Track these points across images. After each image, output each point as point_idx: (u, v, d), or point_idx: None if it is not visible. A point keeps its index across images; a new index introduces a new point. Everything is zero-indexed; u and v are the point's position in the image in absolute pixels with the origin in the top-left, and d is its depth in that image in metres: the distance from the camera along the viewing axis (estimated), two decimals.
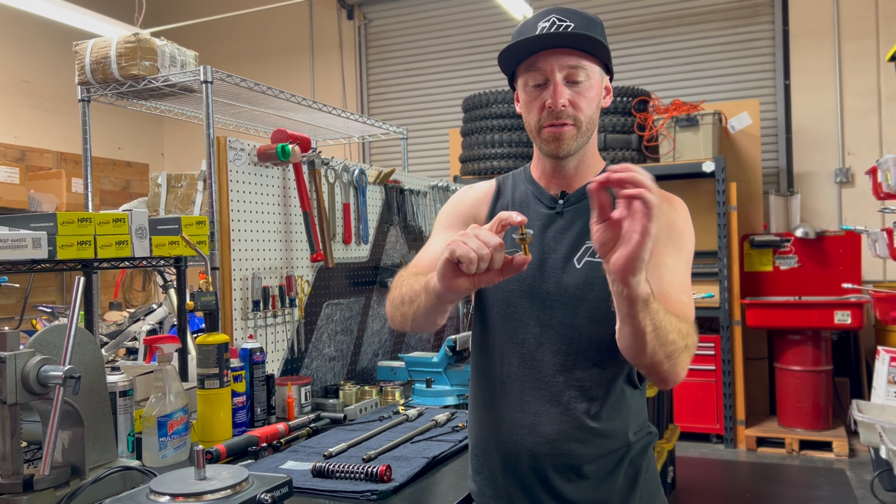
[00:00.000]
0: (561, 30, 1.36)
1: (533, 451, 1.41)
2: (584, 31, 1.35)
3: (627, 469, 1.42)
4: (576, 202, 1.46)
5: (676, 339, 1.24)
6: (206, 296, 1.99)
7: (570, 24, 1.36)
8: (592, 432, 1.39)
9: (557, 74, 1.37)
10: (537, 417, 1.41)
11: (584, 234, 1.41)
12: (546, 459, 1.40)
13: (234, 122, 3.30)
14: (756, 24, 6.09)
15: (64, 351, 1.36)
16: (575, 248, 1.42)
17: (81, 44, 2.60)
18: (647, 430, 1.48)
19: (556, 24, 1.36)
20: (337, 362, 2.71)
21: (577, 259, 1.41)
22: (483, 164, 5.63)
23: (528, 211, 1.48)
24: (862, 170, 5.55)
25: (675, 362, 1.27)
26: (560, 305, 1.40)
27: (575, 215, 1.45)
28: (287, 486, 1.36)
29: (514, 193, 1.54)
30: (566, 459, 1.39)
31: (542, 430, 1.40)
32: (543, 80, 1.38)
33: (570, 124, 1.38)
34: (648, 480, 1.46)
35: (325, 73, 7.47)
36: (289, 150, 2.33)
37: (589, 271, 1.39)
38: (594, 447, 1.39)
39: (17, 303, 5.35)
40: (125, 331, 3.65)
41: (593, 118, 1.41)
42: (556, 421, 1.39)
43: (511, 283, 1.44)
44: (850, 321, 4.89)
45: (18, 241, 1.63)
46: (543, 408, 1.40)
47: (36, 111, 6.63)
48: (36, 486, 1.36)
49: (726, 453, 5.05)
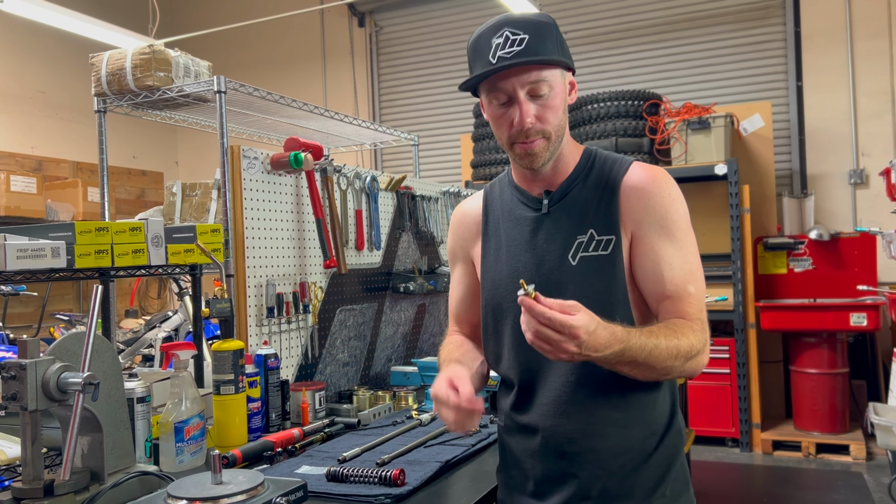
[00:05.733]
0: (515, 45, 1.34)
1: (559, 451, 1.43)
2: (539, 42, 1.34)
3: (656, 464, 1.42)
4: (560, 199, 1.47)
5: (671, 364, 1.30)
6: (221, 303, 2.02)
7: (523, 35, 1.34)
8: (614, 424, 1.40)
9: (520, 92, 1.36)
10: (558, 419, 1.42)
11: (573, 230, 1.43)
12: (572, 457, 1.41)
13: (248, 131, 3.33)
14: (767, 25, 6.07)
15: (83, 358, 1.38)
16: (567, 245, 1.43)
17: (97, 56, 2.64)
18: (676, 429, 1.47)
19: (509, 38, 1.34)
20: (350, 368, 2.72)
21: (571, 256, 1.42)
22: (494, 169, 5.64)
23: (517, 217, 1.50)
24: (876, 170, 5.51)
25: (679, 374, 1.34)
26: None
27: (561, 212, 1.46)
28: (302, 490, 1.38)
29: (500, 203, 1.56)
30: (591, 455, 1.40)
31: (564, 430, 1.42)
32: (507, 98, 1.39)
33: (540, 138, 1.39)
34: (677, 479, 1.45)
35: (336, 81, 7.51)
36: (301, 158, 2.35)
37: (585, 266, 1.40)
38: (616, 440, 1.40)
39: (35, 311, 5.41)
40: (141, 338, 3.69)
41: (561, 123, 1.42)
42: (577, 420, 1.41)
43: (512, 293, 1.43)
44: (865, 323, 4.85)
45: (38, 250, 1.66)
46: (563, 409, 1.42)
47: (52, 121, 6.71)
48: (56, 491, 1.38)
49: (742, 457, 5.02)
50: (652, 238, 1.39)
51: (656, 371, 1.31)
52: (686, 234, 1.40)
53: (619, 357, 1.24)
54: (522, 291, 1.18)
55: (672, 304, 1.37)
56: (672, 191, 1.42)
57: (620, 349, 1.23)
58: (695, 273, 1.39)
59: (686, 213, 1.42)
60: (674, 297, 1.37)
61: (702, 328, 1.36)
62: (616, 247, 1.39)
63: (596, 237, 1.41)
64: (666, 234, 1.38)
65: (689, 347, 1.31)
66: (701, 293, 1.39)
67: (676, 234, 1.39)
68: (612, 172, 1.44)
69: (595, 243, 1.40)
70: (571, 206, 1.45)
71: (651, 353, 1.27)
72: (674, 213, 1.40)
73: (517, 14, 1.39)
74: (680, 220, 1.40)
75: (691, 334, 1.32)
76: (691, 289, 1.37)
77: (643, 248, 1.39)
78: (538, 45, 1.34)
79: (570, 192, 1.46)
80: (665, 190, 1.41)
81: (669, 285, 1.37)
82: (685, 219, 1.41)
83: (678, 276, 1.37)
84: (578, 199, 1.45)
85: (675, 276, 1.37)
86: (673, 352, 1.29)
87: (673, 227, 1.39)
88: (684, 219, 1.41)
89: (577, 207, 1.44)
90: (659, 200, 1.40)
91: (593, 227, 1.41)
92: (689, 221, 1.43)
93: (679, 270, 1.37)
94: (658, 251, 1.38)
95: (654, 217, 1.39)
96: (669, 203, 1.40)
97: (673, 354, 1.29)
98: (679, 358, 1.30)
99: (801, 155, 5.92)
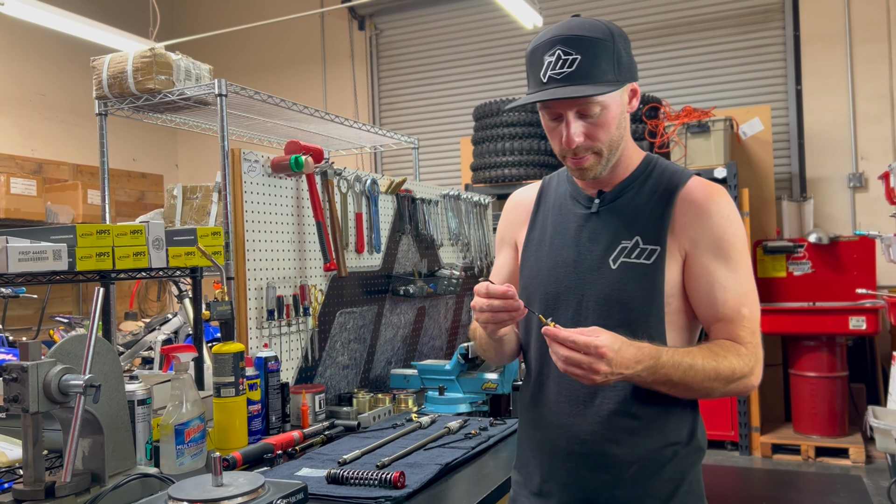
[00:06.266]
0: (566, 66, 1.32)
1: (568, 451, 1.43)
2: (591, 63, 1.31)
3: (668, 477, 1.39)
4: (612, 201, 1.45)
5: (711, 386, 1.30)
6: (221, 305, 2.02)
7: (575, 56, 1.31)
8: (626, 432, 1.39)
9: (569, 113, 1.36)
10: (572, 418, 1.42)
11: (619, 234, 1.41)
12: (581, 459, 1.41)
13: (248, 134, 3.33)
14: (767, 29, 6.09)
15: (84, 360, 1.39)
16: (610, 248, 1.42)
17: (99, 59, 2.65)
18: (696, 445, 1.44)
19: (560, 58, 1.32)
20: (350, 370, 2.73)
21: (612, 259, 1.41)
22: (494, 173, 5.65)
23: (566, 212, 1.50)
24: (875, 174, 5.52)
25: (722, 395, 1.36)
26: (595, 307, 1.41)
27: (611, 214, 1.44)
28: (302, 493, 1.39)
29: (554, 195, 1.56)
30: (600, 459, 1.40)
31: (576, 431, 1.42)
32: (557, 115, 1.38)
33: (591, 154, 1.38)
34: (690, 493, 1.42)
35: (337, 84, 7.52)
36: (302, 161, 2.36)
37: (624, 272, 1.39)
38: (629, 447, 1.39)
39: (34, 313, 5.41)
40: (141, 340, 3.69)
41: (616, 138, 1.39)
42: (590, 422, 1.40)
43: (549, 286, 1.47)
44: (864, 327, 4.86)
45: (40, 253, 1.67)
46: (578, 409, 1.42)
47: (52, 124, 6.72)
48: (57, 493, 1.39)
49: (741, 460, 5.02)
50: (707, 259, 1.37)
51: (695, 391, 1.31)
52: (742, 255, 1.39)
53: (653, 374, 1.26)
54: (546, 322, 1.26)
55: (724, 327, 1.37)
56: (730, 211, 1.40)
57: (651, 365, 1.25)
58: (749, 296, 1.38)
59: (743, 234, 1.41)
60: (726, 320, 1.36)
61: (751, 352, 1.35)
62: (659, 258, 1.38)
63: (641, 245, 1.39)
64: (722, 256, 1.37)
65: (731, 371, 1.31)
66: (755, 316, 1.38)
67: (733, 255, 1.37)
68: (669, 182, 1.43)
69: (639, 251, 1.39)
70: (622, 209, 1.44)
71: (686, 372, 1.27)
72: (731, 234, 1.38)
73: (575, 26, 1.35)
74: (737, 242, 1.38)
75: (734, 357, 1.32)
76: (745, 311, 1.36)
77: (698, 269, 1.38)
78: (590, 67, 1.32)
79: (623, 195, 1.45)
80: (724, 210, 1.39)
81: (723, 308, 1.36)
82: (741, 240, 1.39)
83: (732, 298, 1.36)
84: (630, 203, 1.43)
85: (728, 300, 1.36)
86: (711, 373, 1.29)
87: (729, 249, 1.37)
88: (741, 240, 1.39)
89: (627, 212, 1.43)
90: (717, 220, 1.38)
91: (640, 234, 1.40)
92: (746, 242, 1.41)
93: (733, 293, 1.36)
94: (713, 273, 1.37)
95: (710, 237, 1.37)
96: (727, 224, 1.38)
97: (711, 376, 1.29)
98: (719, 380, 1.30)
99: (800, 158, 5.93)
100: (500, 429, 2.09)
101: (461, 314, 3.53)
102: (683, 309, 1.41)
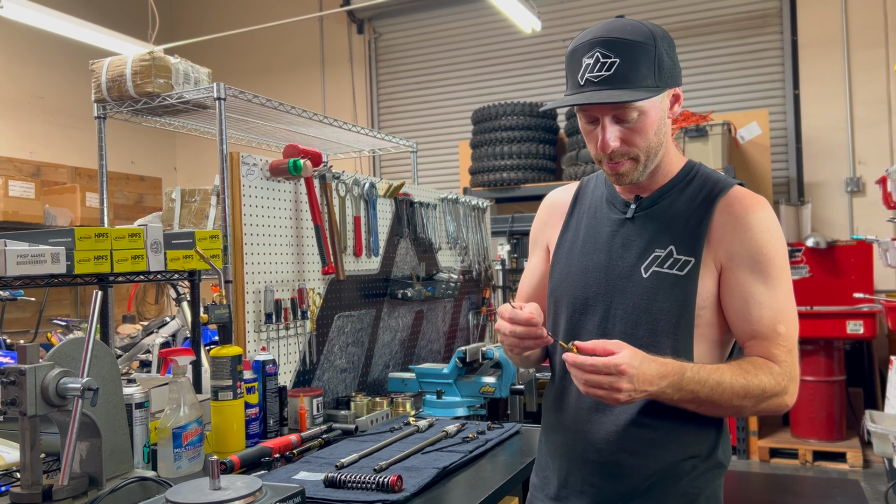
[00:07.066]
0: (604, 69, 1.28)
1: (584, 458, 1.41)
2: (630, 67, 1.27)
3: (683, 492, 1.35)
4: (648, 207, 1.42)
5: (741, 404, 1.27)
6: (219, 309, 2.02)
7: (614, 59, 1.27)
8: (643, 443, 1.36)
9: (605, 117, 1.32)
10: (589, 425, 1.41)
11: (653, 242, 1.38)
12: (596, 467, 1.39)
13: (247, 137, 3.34)
14: (765, 34, 6.11)
15: (82, 364, 1.39)
16: (643, 256, 1.38)
17: (98, 62, 2.65)
18: (716, 460, 1.39)
19: (599, 61, 1.28)
20: (348, 374, 2.73)
21: (644, 268, 1.37)
22: (493, 176, 5.66)
23: (600, 215, 1.47)
24: (873, 179, 5.53)
25: (753, 413, 1.33)
26: (623, 315, 1.38)
27: (646, 221, 1.41)
28: (300, 496, 1.39)
29: (591, 198, 1.52)
30: (615, 469, 1.38)
31: (591, 438, 1.40)
32: (593, 118, 1.34)
33: (628, 160, 1.35)
34: None
35: (335, 87, 7.53)
36: (300, 165, 2.36)
37: (655, 282, 1.35)
38: (645, 458, 1.36)
39: (32, 316, 5.41)
40: (139, 343, 3.69)
41: (655, 144, 1.35)
42: (606, 430, 1.38)
43: (577, 290, 1.44)
44: (862, 331, 4.87)
45: (38, 256, 1.67)
46: (595, 416, 1.40)
47: (50, 126, 6.72)
48: (55, 497, 1.39)
49: (739, 464, 5.02)
50: (743, 274, 1.33)
51: (724, 409, 1.28)
52: (781, 270, 1.33)
53: (678, 391, 1.23)
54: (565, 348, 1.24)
55: (759, 344, 1.32)
56: (770, 224, 1.35)
57: (676, 381, 1.22)
58: (786, 313, 1.33)
59: (783, 248, 1.35)
60: (761, 338, 1.32)
61: (785, 371, 1.30)
62: (693, 270, 1.34)
63: (675, 255, 1.35)
64: (758, 271, 1.32)
65: (761, 389, 1.27)
66: (792, 333, 1.32)
67: (771, 271, 1.32)
68: (710, 191, 1.38)
69: (672, 261, 1.35)
70: (658, 216, 1.40)
71: (714, 389, 1.25)
72: (770, 249, 1.33)
73: (617, 28, 1.31)
74: (776, 257, 1.33)
75: (766, 376, 1.28)
76: (781, 329, 1.31)
77: (733, 284, 1.34)
78: (629, 71, 1.28)
79: (660, 201, 1.41)
80: (764, 223, 1.34)
81: (758, 325, 1.32)
82: (781, 255, 1.34)
83: (767, 316, 1.31)
84: (667, 211, 1.40)
85: (763, 317, 1.31)
86: (740, 391, 1.26)
87: (767, 264, 1.32)
88: (780, 255, 1.34)
89: (663, 219, 1.39)
90: (756, 234, 1.33)
91: (675, 243, 1.36)
92: (786, 256, 1.36)
93: (769, 310, 1.31)
94: (749, 288, 1.32)
95: (747, 252, 1.32)
96: (767, 238, 1.33)
97: (740, 394, 1.26)
98: (748, 398, 1.27)
99: (798, 163, 5.95)
100: (498, 433, 2.10)
101: (459, 318, 3.54)
102: (716, 322, 1.36)
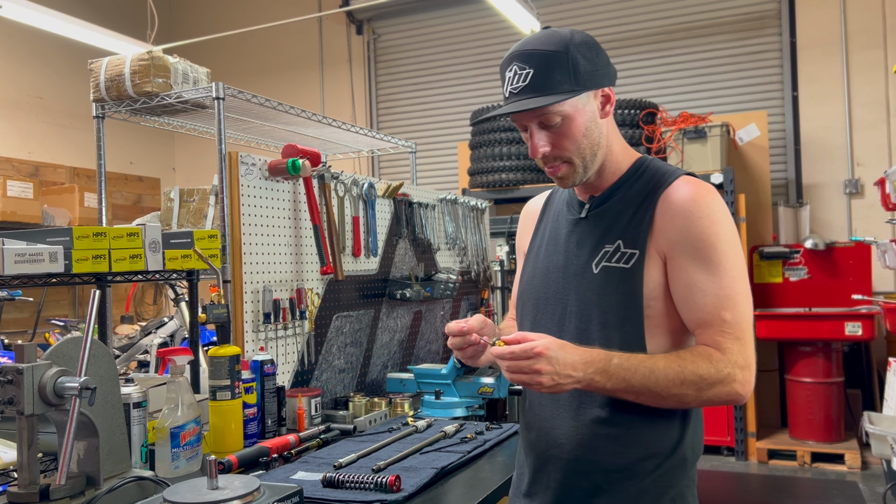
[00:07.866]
0: (521, 80, 1.34)
1: (548, 455, 1.44)
2: (545, 75, 1.32)
3: (647, 489, 1.35)
4: (599, 205, 1.45)
5: (681, 392, 1.27)
6: (218, 308, 2.02)
7: (528, 70, 1.33)
8: (604, 440, 1.37)
9: (531, 125, 1.38)
10: (552, 422, 1.44)
11: (603, 238, 1.41)
12: (560, 464, 1.41)
13: (245, 137, 3.33)
14: (763, 35, 6.11)
15: (80, 363, 1.39)
16: (594, 252, 1.42)
17: (96, 62, 2.65)
18: (681, 457, 1.38)
19: (517, 73, 1.35)
20: (347, 374, 2.72)
21: (594, 264, 1.40)
22: (491, 177, 5.66)
23: (560, 218, 1.53)
24: (871, 180, 5.54)
25: (700, 403, 1.32)
26: (577, 311, 1.41)
27: (597, 219, 1.44)
28: (298, 496, 1.38)
29: (557, 202, 1.59)
30: (577, 466, 1.39)
31: (554, 435, 1.43)
32: (524, 127, 1.40)
33: (562, 163, 1.40)
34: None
35: (334, 88, 7.53)
36: (299, 165, 2.36)
37: (605, 276, 1.38)
38: (606, 455, 1.37)
39: (30, 316, 5.40)
40: (137, 344, 3.68)
41: (586, 146, 1.38)
42: (568, 427, 1.41)
43: (539, 291, 1.50)
44: (860, 332, 4.87)
45: (36, 255, 1.67)
46: (557, 413, 1.43)
47: (49, 127, 6.71)
48: (52, 496, 1.38)
49: (737, 466, 5.02)
50: (685, 262, 1.33)
51: (664, 398, 1.28)
52: (725, 256, 1.32)
53: (608, 379, 1.25)
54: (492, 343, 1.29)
55: (704, 332, 1.32)
56: (713, 211, 1.34)
57: (602, 367, 1.24)
58: (732, 299, 1.31)
59: (728, 234, 1.34)
60: (706, 325, 1.32)
61: (728, 358, 1.28)
62: (638, 262, 1.36)
63: (622, 248, 1.38)
64: (700, 259, 1.32)
65: (698, 376, 1.26)
66: (739, 320, 1.31)
67: (713, 257, 1.32)
68: (657, 184, 1.40)
69: (619, 255, 1.38)
70: (608, 213, 1.43)
71: (647, 377, 1.25)
72: (711, 234, 1.32)
73: (532, 41, 1.37)
74: (718, 243, 1.32)
75: (703, 363, 1.27)
76: (727, 315, 1.30)
77: (676, 273, 1.35)
78: (543, 80, 1.33)
79: (610, 199, 1.44)
80: (705, 210, 1.34)
81: (702, 313, 1.32)
82: (726, 241, 1.33)
83: (711, 303, 1.31)
84: (615, 207, 1.43)
85: (707, 304, 1.31)
86: (675, 379, 1.26)
87: (709, 251, 1.32)
88: (724, 241, 1.33)
89: (611, 216, 1.42)
90: (696, 221, 1.33)
91: (622, 238, 1.39)
92: (734, 242, 1.34)
93: (713, 297, 1.31)
94: (691, 276, 1.32)
95: (688, 240, 1.33)
96: (708, 224, 1.33)
97: (676, 382, 1.26)
98: (686, 385, 1.26)
99: (796, 164, 5.95)
100: (497, 433, 2.09)
101: (457, 318, 3.53)
102: (668, 312, 1.37)
